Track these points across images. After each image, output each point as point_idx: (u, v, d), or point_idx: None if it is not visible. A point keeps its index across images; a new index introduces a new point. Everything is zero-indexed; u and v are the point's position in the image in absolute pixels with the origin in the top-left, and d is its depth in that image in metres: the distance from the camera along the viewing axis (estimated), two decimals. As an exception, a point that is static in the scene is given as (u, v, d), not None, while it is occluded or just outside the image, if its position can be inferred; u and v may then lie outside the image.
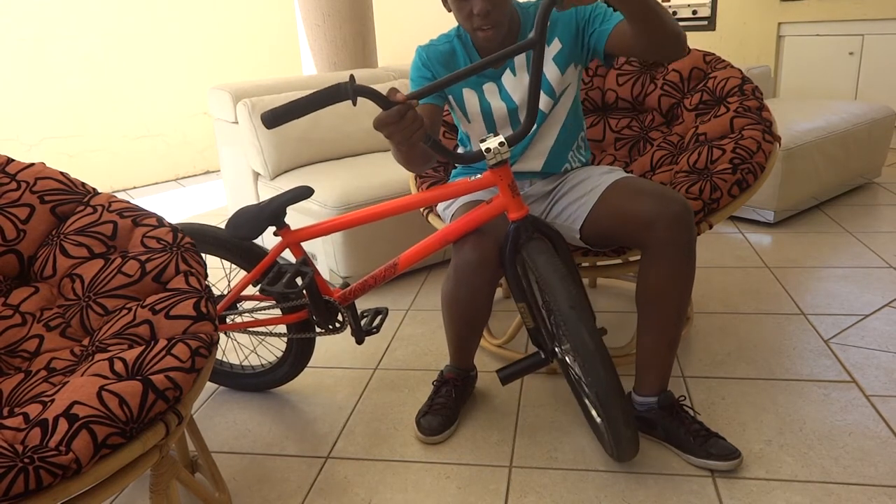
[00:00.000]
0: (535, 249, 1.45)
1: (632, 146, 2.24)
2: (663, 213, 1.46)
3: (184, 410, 1.15)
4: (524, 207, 1.48)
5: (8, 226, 1.46)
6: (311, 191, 1.68)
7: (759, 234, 3.01)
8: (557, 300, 1.38)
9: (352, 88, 1.24)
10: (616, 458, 1.53)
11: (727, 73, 2.13)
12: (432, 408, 1.74)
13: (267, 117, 1.28)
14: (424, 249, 1.59)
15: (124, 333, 1.26)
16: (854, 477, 1.48)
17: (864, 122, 3.29)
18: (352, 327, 1.76)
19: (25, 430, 1.03)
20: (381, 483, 1.57)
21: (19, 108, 4.18)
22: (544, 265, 1.42)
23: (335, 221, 1.65)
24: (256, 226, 1.64)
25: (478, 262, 1.51)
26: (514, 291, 1.55)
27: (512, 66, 1.64)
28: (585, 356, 1.36)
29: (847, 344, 2.03)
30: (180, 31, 4.77)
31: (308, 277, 1.62)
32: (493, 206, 1.51)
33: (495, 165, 1.43)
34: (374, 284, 1.68)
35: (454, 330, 1.69)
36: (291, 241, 1.68)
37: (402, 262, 1.62)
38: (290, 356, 1.88)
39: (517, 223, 1.48)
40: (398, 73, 3.48)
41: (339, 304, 1.71)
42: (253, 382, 1.97)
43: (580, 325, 1.36)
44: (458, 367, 1.80)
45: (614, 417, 1.40)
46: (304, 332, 1.80)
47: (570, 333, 1.37)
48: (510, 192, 1.46)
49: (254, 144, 2.89)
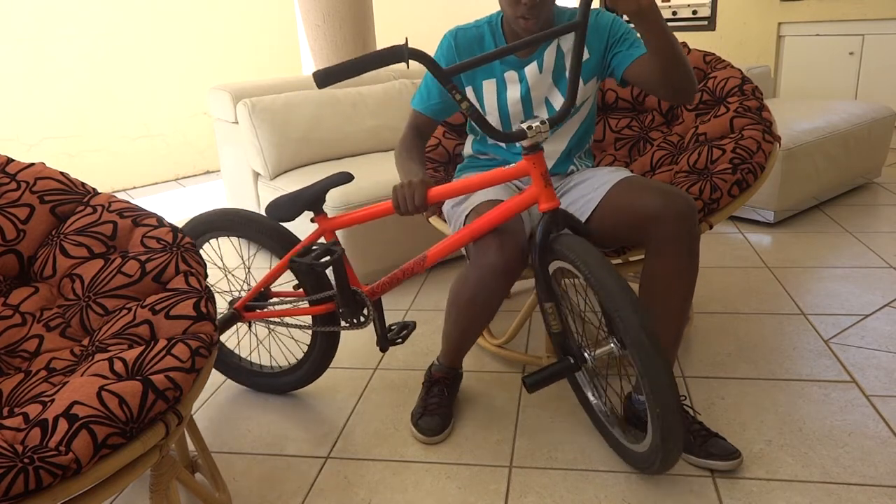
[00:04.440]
0: (577, 244, 1.37)
1: (632, 146, 2.24)
2: (668, 209, 1.47)
3: (184, 410, 1.15)
4: (555, 198, 1.45)
5: (8, 226, 1.46)
6: (351, 177, 1.67)
7: (759, 234, 3.01)
8: (616, 300, 1.28)
9: (408, 51, 1.26)
10: (656, 468, 1.41)
11: (727, 73, 2.13)
12: (427, 409, 1.74)
13: (320, 75, 1.27)
14: (454, 244, 1.56)
15: (124, 333, 1.26)
16: (854, 477, 1.48)
17: (864, 122, 3.29)
18: (377, 331, 1.75)
19: (25, 430, 1.03)
20: (381, 483, 1.57)
21: (19, 108, 4.18)
22: (597, 261, 1.33)
23: (373, 209, 1.63)
24: (294, 209, 1.66)
25: (502, 266, 1.50)
26: (543, 291, 1.49)
27: (541, 61, 1.65)
28: (647, 360, 1.26)
29: (847, 344, 2.03)
30: (180, 31, 4.77)
31: (336, 256, 1.61)
32: (524, 196, 1.49)
33: (530, 151, 1.42)
34: (402, 278, 1.66)
35: (460, 330, 1.68)
36: (327, 228, 1.68)
37: (431, 256, 1.61)
38: (313, 353, 1.85)
39: (549, 214, 1.45)
40: (398, 73, 3.48)
41: (367, 297, 1.70)
42: (274, 382, 1.94)
43: (646, 326, 1.27)
44: (449, 366, 1.81)
45: (672, 424, 1.30)
46: (329, 325, 1.78)
47: (631, 336, 1.27)
48: (543, 181, 1.44)
49: (254, 144, 2.89)
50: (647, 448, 1.41)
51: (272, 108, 2.89)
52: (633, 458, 1.52)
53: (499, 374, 1.99)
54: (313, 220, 1.70)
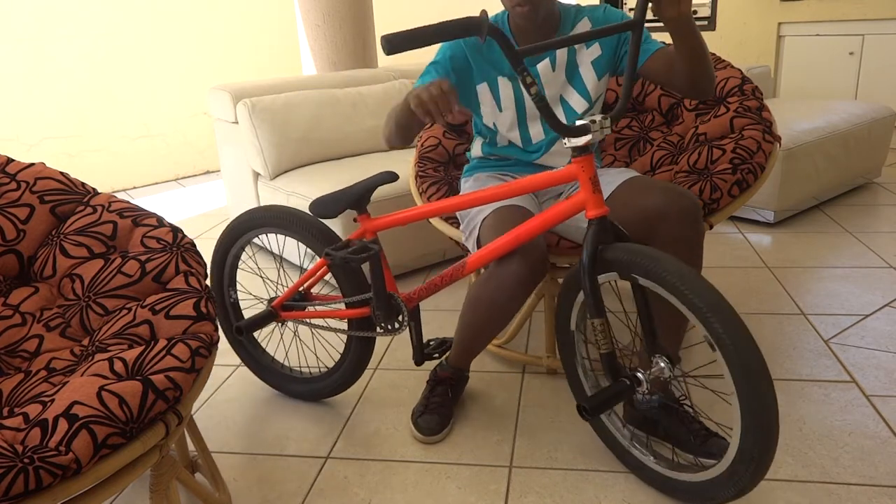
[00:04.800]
0: (649, 252, 1.28)
1: (632, 146, 2.24)
2: (673, 208, 1.47)
3: (184, 410, 1.15)
4: (604, 205, 1.36)
5: (8, 226, 1.46)
6: (396, 176, 1.65)
7: (759, 234, 3.01)
8: (713, 303, 1.19)
9: (487, 25, 1.16)
10: (732, 493, 1.29)
11: (727, 73, 2.13)
12: (428, 407, 1.74)
13: (388, 40, 1.14)
14: (496, 250, 1.49)
15: (124, 333, 1.26)
16: (854, 477, 1.48)
17: (864, 122, 3.29)
18: (412, 342, 1.74)
19: (25, 430, 1.03)
20: (381, 483, 1.57)
21: (19, 108, 4.18)
22: (682, 268, 1.23)
23: (416, 211, 1.61)
24: (337, 206, 1.65)
25: (527, 275, 1.47)
26: (592, 307, 1.36)
27: (553, 58, 1.65)
28: (748, 364, 1.18)
29: (847, 344, 2.03)
30: (180, 31, 4.77)
31: (373, 252, 1.58)
32: (571, 202, 1.41)
33: (580, 152, 1.34)
34: (441, 285, 1.63)
35: (473, 333, 1.66)
36: (369, 228, 1.67)
37: (471, 263, 1.55)
38: (346, 359, 1.80)
39: (597, 222, 1.35)
40: (398, 73, 3.48)
41: (404, 303, 1.67)
42: (305, 388, 1.90)
43: (748, 335, 1.19)
44: (456, 366, 1.80)
45: (768, 447, 1.20)
46: (365, 331, 1.75)
47: (734, 340, 1.19)
48: (591, 185, 1.35)
49: (254, 144, 2.89)
50: (723, 470, 1.29)
51: (272, 108, 2.89)
52: (691, 491, 1.38)
53: (499, 374, 1.99)
54: (356, 220, 1.69)
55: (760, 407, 1.19)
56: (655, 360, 1.38)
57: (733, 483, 1.27)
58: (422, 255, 2.78)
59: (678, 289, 1.23)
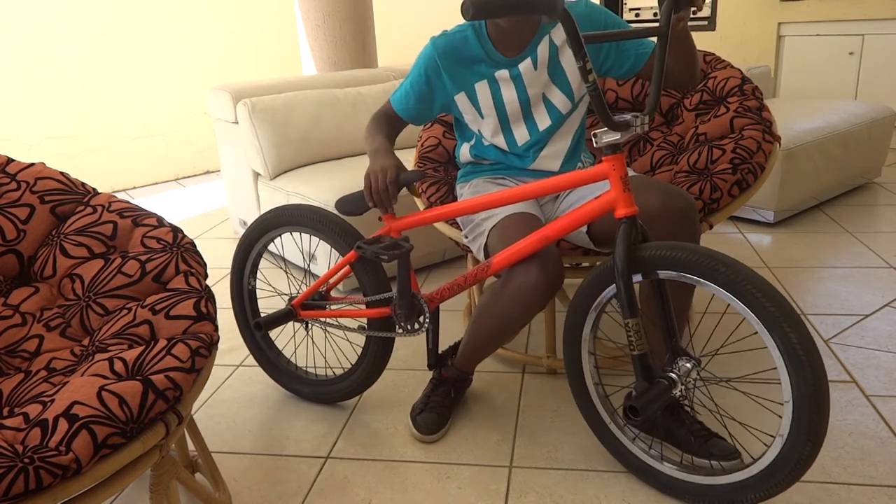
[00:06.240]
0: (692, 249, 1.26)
1: (632, 146, 2.24)
2: (668, 208, 1.47)
3: (184, 410, 1.15)
4: (634, 204, 1.35)
5: (8, 226, 1.46)
6: (423, 174, 1.63)
7: (759, 234, 3.01)
8: (793, 317, 1.18)
9: (563, 10, 1.19)
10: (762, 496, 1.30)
11: (727, 73, 2.13)
12: (428, 405, 1.74)
13: (470, 3, 1.18)
14: (522, 251, 1.46)
15: (124, 333, 1.26)
16: (854, 477, 1.48)
17: (864, 122, 3.29)
18: (428, 344, 1.73)
19: (25, 430, 1.03)
20: (381, 483, 1.57)
21: (19, 108, 4.18)
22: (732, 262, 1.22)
23: (444, 209, 1.59)
24: (363, 204, 1.65)
25: (544, 285, 1.46)
26: (626, 307, 1.34)
27: (535, 57, 1.63)
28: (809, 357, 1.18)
29: (847, 344, 2.03)
30: (180, 31, 4.77)
31: (405, 250, 1.57)
32: (601, 201, 1.39)
33: (612, 151, 1.34)
34: (464, 285, 1.62)
35: (483, 341, 1.65)
36: (394, 227, 1.67)
37: (496, 263, 1.51)
38: (364, 361, 1.79)
39: (628, 221, 1.34)
40: (398, 73, 3.48)
41: (426, 303, 1.66)
42: (321, 390, 1.88)
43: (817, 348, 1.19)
44: (462, 369, 1.79)
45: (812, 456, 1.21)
46: (384, 331, 1.74)
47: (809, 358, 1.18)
48: (622, 185, 1.34)
49: (254, 144, 2.89)
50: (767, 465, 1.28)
51: (272, 108, 2.89)
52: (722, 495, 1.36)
53: (499, 374, 1.99)
54: (380, 219, 1.69)
55: (819, 419, 1.19)
56: (680, 362, 1.36)
57: (766, 487, 1.29)
58: (422, 254, 2.78)
59: (752, 295, 1.20)
